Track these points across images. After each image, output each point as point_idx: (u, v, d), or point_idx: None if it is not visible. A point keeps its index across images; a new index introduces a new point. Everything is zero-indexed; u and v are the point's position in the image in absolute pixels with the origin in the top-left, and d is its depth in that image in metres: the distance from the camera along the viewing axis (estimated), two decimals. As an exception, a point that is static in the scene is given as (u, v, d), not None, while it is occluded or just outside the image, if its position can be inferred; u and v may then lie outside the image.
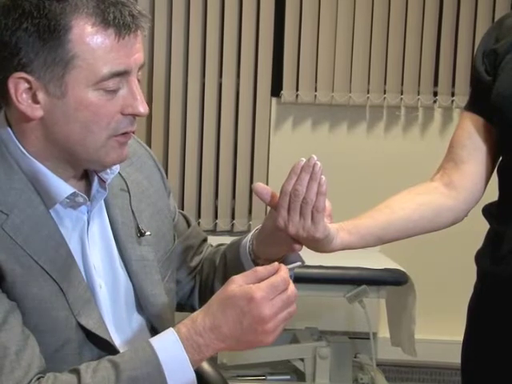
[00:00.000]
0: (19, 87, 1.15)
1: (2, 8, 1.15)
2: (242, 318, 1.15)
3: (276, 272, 1.18)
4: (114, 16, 1.14)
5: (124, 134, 1.21)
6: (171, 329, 1.18)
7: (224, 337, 1.16)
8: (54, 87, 1.15)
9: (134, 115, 1.20)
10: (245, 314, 1.15)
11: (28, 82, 1.15)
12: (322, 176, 1.26)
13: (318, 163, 1.25)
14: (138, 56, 1.19)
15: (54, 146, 1.20)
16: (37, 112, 1.17)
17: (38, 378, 1.12)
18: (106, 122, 1.18)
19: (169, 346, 1.15)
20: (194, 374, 1.16)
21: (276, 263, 1.20)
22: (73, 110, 1.16)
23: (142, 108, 1.19)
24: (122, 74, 1.17)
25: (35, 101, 1.16)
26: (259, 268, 1.19)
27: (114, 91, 1.17)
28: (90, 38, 1.14)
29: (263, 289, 1.15)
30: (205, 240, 1.57)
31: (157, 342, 1.17)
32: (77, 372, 1.14)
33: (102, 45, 1.14)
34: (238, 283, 1.17)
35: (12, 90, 1.15)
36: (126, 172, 1.37)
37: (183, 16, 3.48)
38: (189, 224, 1.54)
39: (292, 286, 1.19)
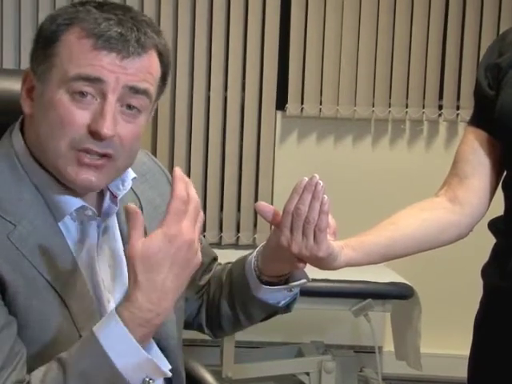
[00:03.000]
0: (27, 81, 1.22)
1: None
2: (176, 258, 1.11)
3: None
4: (101, 28, 1.16)
5: (85, 151, 1.17)
6: (112, 311, 1.11)
7: (171, 291, 1.11)
8: (40, 85, 1.19)
9: (96, 132, 1.16)
10: (175, 254, 1.10)
11: (30, 77, 1.21)
12: (325, 195, 1.24)
13: (321, 182, 1.24)
14: (127, 77, 1.17)
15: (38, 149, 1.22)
16: (27, 108, 1.21)
17: None
18: (69, 130, 1.16)
19: (110, 329, 1.10)
20: (144, 353, 1.10)
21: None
22: (45, 110, 1.18)
23: (106, 129, 1.15)
24: (93, 81, 1.16)
25: (31, 97, 1.21)
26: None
27: (82, 96, 1.16)
28: (72, 42, 1.17)
29: (169, 221, 1.11)
30: (215, 259, 1.56)
31: (99, 329, 1.11)
32: (28, 378, 1.12)
33: (79, 48, 1.16)
34: (137, 240, 1.10)
35: (23, 83, 1.22)
36: (139, 189, 1.37)
37: (188, 29, 3.49)
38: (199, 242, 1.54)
39: (192, 196, 1.14)
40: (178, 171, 1.14)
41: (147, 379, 1.11)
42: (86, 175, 1.18)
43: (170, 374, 1.15)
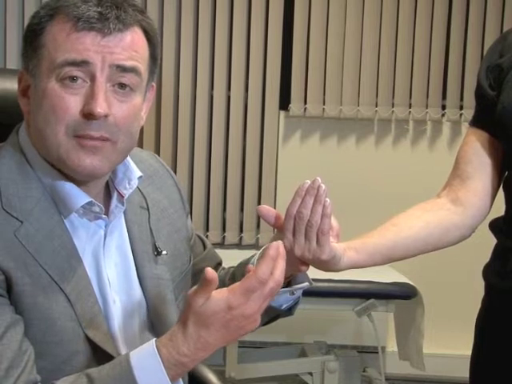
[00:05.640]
0: (22, 81, 1.23)
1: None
2: (228, 325, 1.13)
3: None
4: (80, 11, 1.16)
5: (85, 137, 1.17)
6: (153, 347, 1.14)
7: (212, 346, 1.14)
8: (33, 80, 1.20)
9: (89, 114, 1.16)
10: (229, 321, 1.13)
11: (24, 77, 1.22)
12: (327, 198, 1.25)
13: (323, 186, 1.25)
14: (112, 56, 1.17)
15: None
16: (24, 107, 1.22)
17: None
18: (62, 116, 1.16)
19: (147, 363, 1.13)
20: None
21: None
22: (39, 101, 1.18)
23: (99, 108, 1.15)
24: (80, 65, 1.16)
25: (27, 96, 1.22)
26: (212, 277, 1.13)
27: (72, 81, 1.16)
28: (56, 30, 1.17)
29: (238, 292, 1.12)
30: (219, 263, 1.56)
31: (136, 359, 1.13)
32: (39, 379, 1.13)
33: (61, 34, 1.17)
34: (202, 298, 1.13)
35: (18, 84, 1.23)
36: (146, 190, 1.37)
37: (192, 29, 3.50)
38: (205, 246, 1.53)
39: (275, 277, 1.14)
40: (274, 249, 1.15)
41: None
42: (89, 160, 1.18)
43: None
